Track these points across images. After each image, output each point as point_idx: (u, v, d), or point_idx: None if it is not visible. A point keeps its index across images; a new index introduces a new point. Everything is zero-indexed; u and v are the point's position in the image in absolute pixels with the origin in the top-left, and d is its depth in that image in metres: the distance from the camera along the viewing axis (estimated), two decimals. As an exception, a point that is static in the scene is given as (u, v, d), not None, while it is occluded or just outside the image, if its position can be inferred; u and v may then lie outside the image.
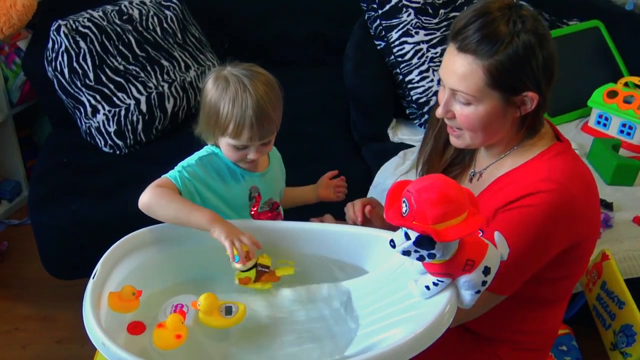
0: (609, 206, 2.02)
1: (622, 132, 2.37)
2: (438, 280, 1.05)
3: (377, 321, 1.15)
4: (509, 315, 1.37)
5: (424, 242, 0.97)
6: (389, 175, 2.16)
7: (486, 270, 1.04)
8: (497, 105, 1.24)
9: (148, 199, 1.29)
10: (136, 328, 1.17)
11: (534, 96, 1.24)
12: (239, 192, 1.42)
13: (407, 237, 0.99)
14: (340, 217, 1.57)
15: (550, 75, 1.26)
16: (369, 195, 2.16)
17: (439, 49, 2.37)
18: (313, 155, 2.23)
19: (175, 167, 1.36)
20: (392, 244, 1.01)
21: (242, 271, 1.24)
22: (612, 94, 2.40)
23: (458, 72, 1.24)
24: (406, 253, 1.01)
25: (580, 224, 1.26)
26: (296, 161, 1.68)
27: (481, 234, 1.08)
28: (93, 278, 1.17)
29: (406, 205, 0.99)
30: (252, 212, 1.45)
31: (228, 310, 1.16)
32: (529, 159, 1.31)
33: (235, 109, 1.28)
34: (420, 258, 1.01)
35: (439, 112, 1.31)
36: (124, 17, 2.34)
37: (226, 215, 1.35)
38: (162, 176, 1.34)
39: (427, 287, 1.07)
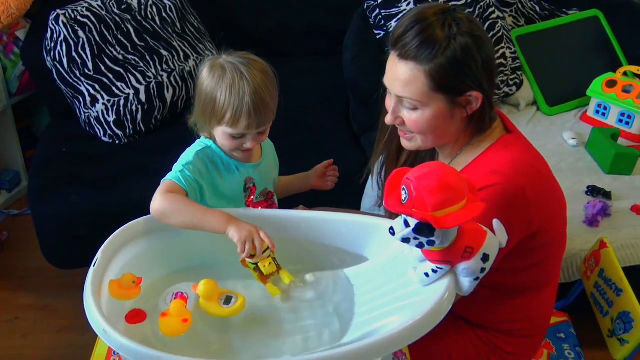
0: (607, 195, 2.03)
1: (620, 121, 2.38)
2: (437, 267, 1.06)
3: (376, 308, 1.16)
4: (496, 304, 1.40)
5: (424, 230, 0.98)
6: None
7: (485, 258, 1.04)
8: (443, 107, 1.27)
9: (160, 207, 1.26)
10: (136, 317, 1.17)
11: (478, 95, 1.27)
12: (234, 183, 1.41)
13: (407, 224, 1.00)
14: (334, 206, 1.57)
15: (490, 74, 1.29)
16: (367, 185, 2.16)
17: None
18: (312, 145, 2.23)
19: (174, 167, 1.35)
20: (392, 231, 1.02)
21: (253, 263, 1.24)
22: (611, 83, 2.40)
23: (401, 79, 1.26)
24: (405, 240, 1.01)
25: (534, 211, 1.27)
26: (296, 152, 1.69)
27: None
28: (94, 266, 1.17)
29: (405, 193, 0.99)
30: (248, 203, 1.45)
31: (227, 300, 1.16)
32: (478, 154, 1.34)
33: (233, 97, 1.28)
34: (420, 245, 1.01)
35: (388, 119, 1.34)
36: (123, 7, 2.34)
37: (224, 207, 1.36)
38: (165, 179, 1.32)
39: (426, 275, 1.07)
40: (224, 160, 1.40)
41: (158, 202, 1.27)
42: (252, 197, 1.45)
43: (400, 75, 1.26)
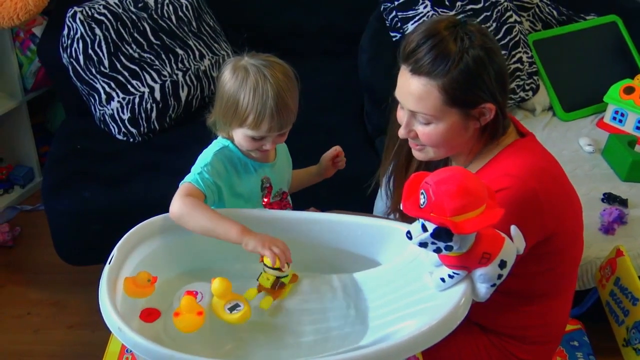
0: (623, 202, 2.01)
1: (638, 128, 2.35)
2: (454, 272, 1.05)
3: (391, 312, 1.15)
4: (510, 310, 1.39)
5: (442, 234, 0.97)
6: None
7: (502, 264, 1.04)
8: (456, 120, 1.28)
9: (179, 210, 1.27)
10: (150, 315, 1.18)
11: (492, 106, 1.27)
12: (252, 183, 1.42)
13: (425, 229, 0.99)
14: (346, 209, 1.57)
15: (503, 85, 1.29)
16: (381, 188, 2.16)
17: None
18: (326, 146, 2.19)
19: (193, 169, 1.35)
20: (409, 235, 1.01)
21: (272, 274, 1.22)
22: (629, 90, 2.38)
23: (414, 94, 1.26)
24: (423, 245, 1.01)
25: (548, 215, 1.26)
26: (309, 152, 1.68)
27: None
28: (109, 263, 1.17)
29: (424, 197, 0.98)
30: (264, 203, 1.45)
31: (233, 308, 1.15)
32: (490, 159, 1.34)
33: (256, 100, 1.28)
34: (437, 250, 1.01)
35: (401, 132, 1.34)
36: (140, 5, 2.34)
37: (241, 207, 1.35)
38: (184, 182, 1.32)
39: (443, 280, 1.07)
40: (241, 160, 1.40)
41: (177, 205, 1.27)
42: (269, 197, 1.45)
43: (413, 91, 1.26)
